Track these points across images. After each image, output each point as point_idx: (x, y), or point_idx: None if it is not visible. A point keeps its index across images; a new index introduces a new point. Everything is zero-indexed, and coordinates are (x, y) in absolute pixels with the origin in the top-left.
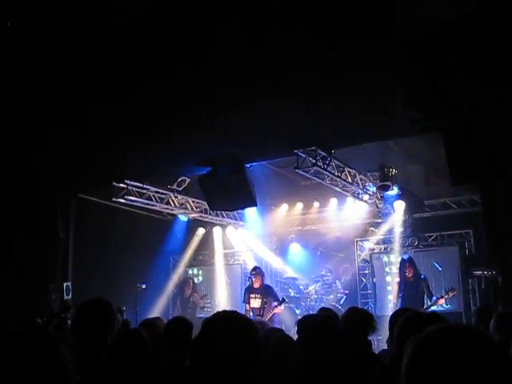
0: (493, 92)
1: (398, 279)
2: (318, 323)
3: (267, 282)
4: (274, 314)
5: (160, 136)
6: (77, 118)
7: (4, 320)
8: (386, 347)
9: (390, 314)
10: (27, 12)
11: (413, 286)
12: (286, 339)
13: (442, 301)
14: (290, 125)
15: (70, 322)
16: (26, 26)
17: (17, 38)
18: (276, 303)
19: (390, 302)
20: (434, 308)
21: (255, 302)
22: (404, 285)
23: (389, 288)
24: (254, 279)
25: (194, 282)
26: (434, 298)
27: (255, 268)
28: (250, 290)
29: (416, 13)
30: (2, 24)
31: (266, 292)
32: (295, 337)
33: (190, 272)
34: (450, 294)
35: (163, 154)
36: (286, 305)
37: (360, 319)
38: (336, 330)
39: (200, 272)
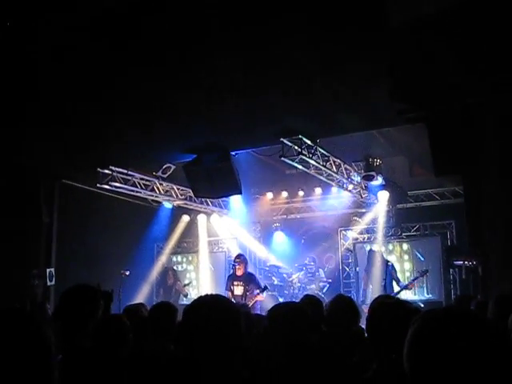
0: (478, 85)
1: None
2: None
3: (250, 269)
4: (256, 301)
5: (146, 122)
6: (62, 104)
7: None
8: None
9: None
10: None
11: (381, 274)
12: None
13: (411, 286)
14: (275, 113)
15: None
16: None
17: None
18: (258, 291)
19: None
20: (415, 298)
21: (238, 290)
22: (370, 273)
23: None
24: (237, 267)
25: (174, 270)
26: (402, 284)
27: (239, 255)
28: (232, 278)
29: (404, 4)
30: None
31: (249, 280)
32: None
33: (174, 259)
34: (418, 280)
35: (149, 141)
36: (269, 293)
37: (345, 307)
38: (308, 318)
39: (184, 259)
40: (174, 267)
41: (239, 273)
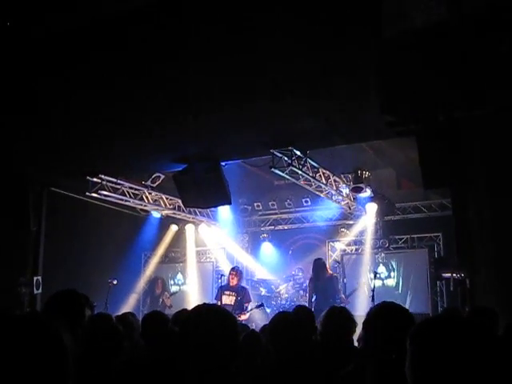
0: (467, 99)
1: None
2: (290, 321)
3: (243, 283)
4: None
5: (135, 132)
6: (52, 112)
7: None
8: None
9: (360, 313)
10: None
11: (324, 285)
12: (255, 337)
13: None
14: (266, 124)
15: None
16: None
17: None
18: (250, 307)
19: (360, 302)
20: None
21: (228, 299)
22: (315, 283)
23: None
24: (231, 277)
25: (163, 280)
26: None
27: (235, 268)
28: (224, 288)
29: (395, 19)
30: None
31: (242, 293)
32: None
33: (162, 269)
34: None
35: (138, 150)
36: (257, 302)
37: (341, 319)
38: (306, 329)
39: (173, 269)
40: (164, 277)
41: (232, 283)
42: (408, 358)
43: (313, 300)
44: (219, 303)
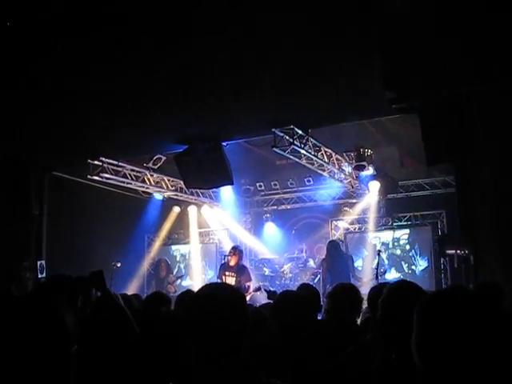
0: (470, 75)
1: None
2: (293, 299)
3: (245, 262)
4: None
5: (136, 113)
6: (52, 95)
7: None
8: None
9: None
10: None
11: (339, 266)
12: (259, 312)
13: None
14: (267, 103)
15: None
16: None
17: None
18: (252, 287)
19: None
20: None
21: (229, 280)
22: (330, 264)
23: (359, 268)
24: (229, 257)
25: (167, 263)
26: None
27: (234, 247)
28: (224, 267)
29: None
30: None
31: (241, 272)
32: None
33: (165, 251)
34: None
35: (139, 131)
36: (261, 283)
37: (347, 296)
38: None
39: (176, 251)
40: (167, 258)
41: (232, 263)
42: (415, 331)
43: (327, 280)
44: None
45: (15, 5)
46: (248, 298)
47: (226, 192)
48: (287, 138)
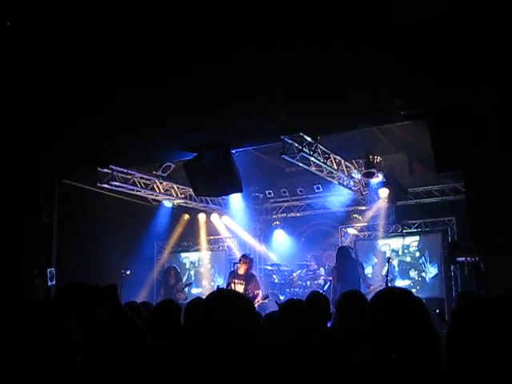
0: (479, 82)
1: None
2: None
3: (254, 270)
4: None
5: (146, 121)
6: (62, 104)
7: None
8: None
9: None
10: None
11: (349, 273)
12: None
13: (373, 289)
14: (276, 111)
15: None
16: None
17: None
18: (261, 294)
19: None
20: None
21: (237, 287)
22: (340, 271)
23: (369, 276)
24: (238, 265)
25: (177, 270)
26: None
27: (245, 255)
28: (233, 275)
29: (408, 2)
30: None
31: (249, 280)
32: None
33: (175, 259)
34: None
35: (149, 139)
36: (271, 291)
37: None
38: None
39: (185, 259)
40: (176, 266)
41: (241, 271)
42: (448, 333)
43: (337, 288)
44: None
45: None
46: (256, 306)
47: (236, 199)
48: (296, 145)
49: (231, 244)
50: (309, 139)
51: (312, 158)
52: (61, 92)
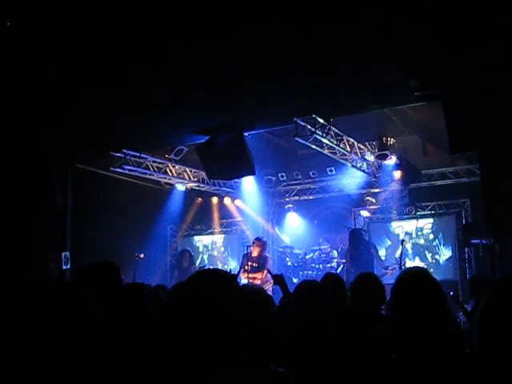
0: (493, 62)
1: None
2: (313, 289)
3: (268, 253)
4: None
5: (158, 104)
6: (74, 88)
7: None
8: None
9: (386, 282)
10: None
11: (362, 255)
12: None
13: (390, 272)
14: (289, 93)
15: None
16: None
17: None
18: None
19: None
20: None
21: (251, 269)
22: (353, 254)
23: (383, 258)
24: (253, 248)
25: (190, 253)
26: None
27: (258, 238)
28: (247, 258)
29: None
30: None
31: (263, 261)
32: None
33: (188, 242)
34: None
35: (161, 123)
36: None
37: (368, 287)
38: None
39: (199, 242)
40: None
41: (255, 254)
42: (481, 311)
43: (350, 270)
44: (244, 272)
45: None
46: (262, 277)
47: (248, 182)
48: (309, 127)
49: (244, 227)
50: (322, 121)
51: (325, 140)
52: (74, 76)
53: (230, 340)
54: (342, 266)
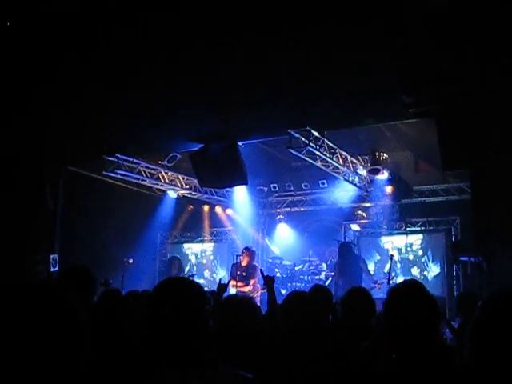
0: (487, 81)
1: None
2: (302, 300)
3: (257, 262)
4: (260, 293)
5: (153, 111)
6: (68, 91)
7: None
8: None
9: (374, 296)
10: None
11: (350, 269)
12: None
13: (378, 286)
14: (284, 105)
15: None
16: None
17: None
18: (260, 287)
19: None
20: None
21: (240, 279)
22: (342, 267)
23: (372, 272)
24: (242, 257)
25: (180, 261)
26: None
27: (247, 248)
28: (236, 267)
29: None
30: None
31: (251, 271)
32: None
33: (177, 249)
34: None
35: (156, 129)
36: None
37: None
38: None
39: (188, 249)
40: (179, 257)
41: (244, 263)
42: (472, 325)
43: (339, 283)
44: (233, 281)
45: None
46: (248, 289)
47: (240, 192)
48: (303, 139)
49: (234, 236)
50: (316, 134)
51: (318, 153)
52: (68, 78)
53: (196, 344)
54: (330, 278)
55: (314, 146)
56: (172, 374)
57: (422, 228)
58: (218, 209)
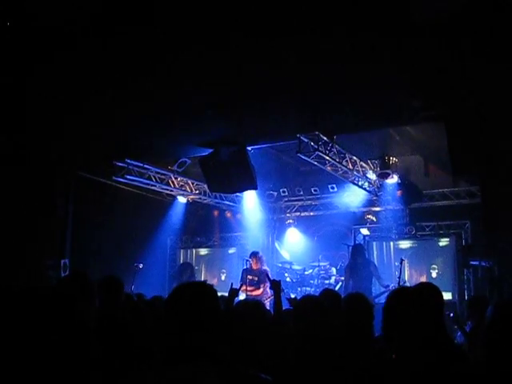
0: (497, 84)
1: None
2: (314, 304)
3: (266, 267)
4: (271, 298)
5: (162, 116)
6: (78, 96)
7: None
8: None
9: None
10: None
11: (363, 269)
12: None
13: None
14: (293, 109)
15: None
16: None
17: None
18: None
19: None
20: None
21: (250, 282)
22: (353, 269)
23: (382, 276)
24: (253, 262)
25: (192, 267)
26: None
27: (254, 253)
28: (247, 271)
29: (426, 3)
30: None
31: (261, 276)
32: None
33: (187, 254)
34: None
35: (165, 134)
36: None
37: (363, 305)
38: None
39: (197, 254)
40: (191, 263)
41: (255, 267)
42: (489, 326)
43: (348, 287)
44: (244, 286)
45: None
46: (259, 292)
47: (250, 197)
48: (312, 144)
49: (244, 241)
50: (325, 138)
51: (327, 158)
52: (77, 84)
53: (210, 342)
54: (340, 283)
55: (323, 150)
56: (185, 368)
57: (432, 232)
58: (228, 214)
